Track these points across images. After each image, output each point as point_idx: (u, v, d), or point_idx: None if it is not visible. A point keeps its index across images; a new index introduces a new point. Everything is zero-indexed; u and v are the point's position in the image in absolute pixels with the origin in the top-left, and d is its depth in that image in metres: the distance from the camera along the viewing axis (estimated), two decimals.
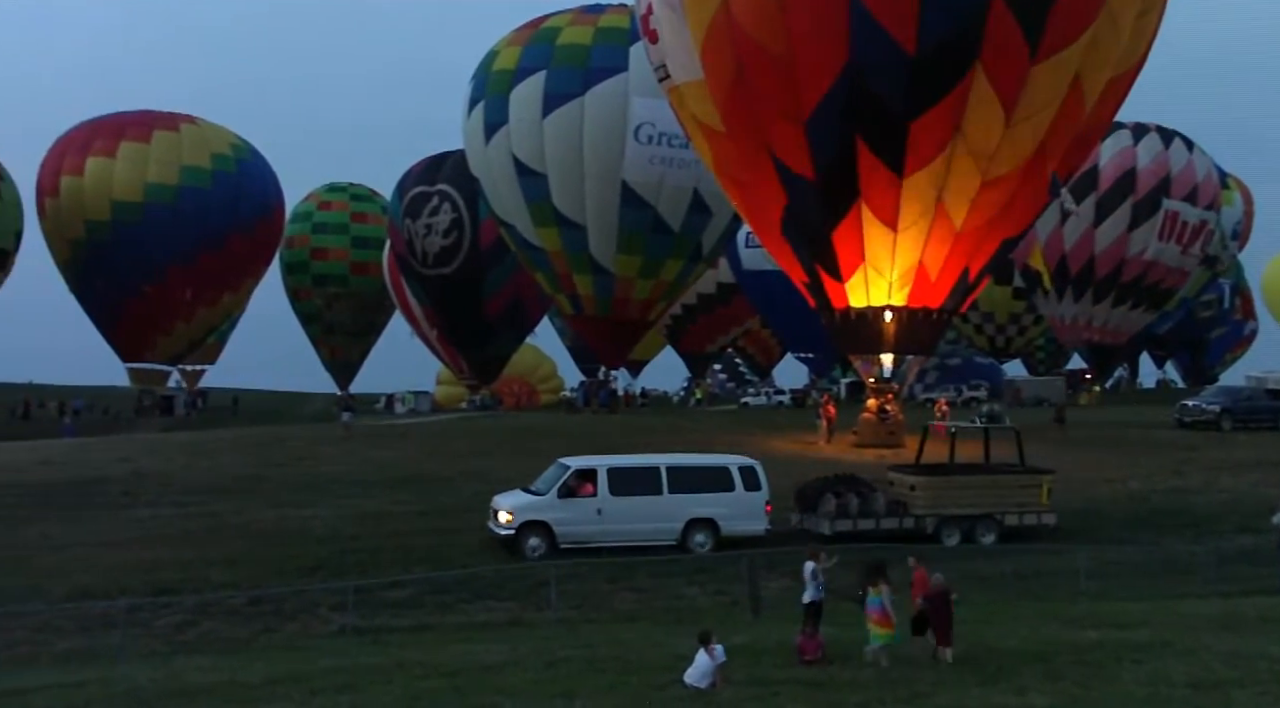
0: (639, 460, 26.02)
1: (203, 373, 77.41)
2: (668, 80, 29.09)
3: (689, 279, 52.15)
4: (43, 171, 61.74)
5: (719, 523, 24.11)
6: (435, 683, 14.17)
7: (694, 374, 79.62)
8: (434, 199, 59.06)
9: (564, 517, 23.59)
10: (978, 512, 24.94)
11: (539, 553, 23.22)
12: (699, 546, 23.95)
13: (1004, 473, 26.24)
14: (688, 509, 24.05)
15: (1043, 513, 25.36)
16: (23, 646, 17.83)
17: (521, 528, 23.46)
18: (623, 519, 23.70)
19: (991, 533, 24.87)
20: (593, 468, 24.26)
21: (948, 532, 24.70)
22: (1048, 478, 25.75)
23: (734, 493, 24.34)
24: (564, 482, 23.90)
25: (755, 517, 24.31)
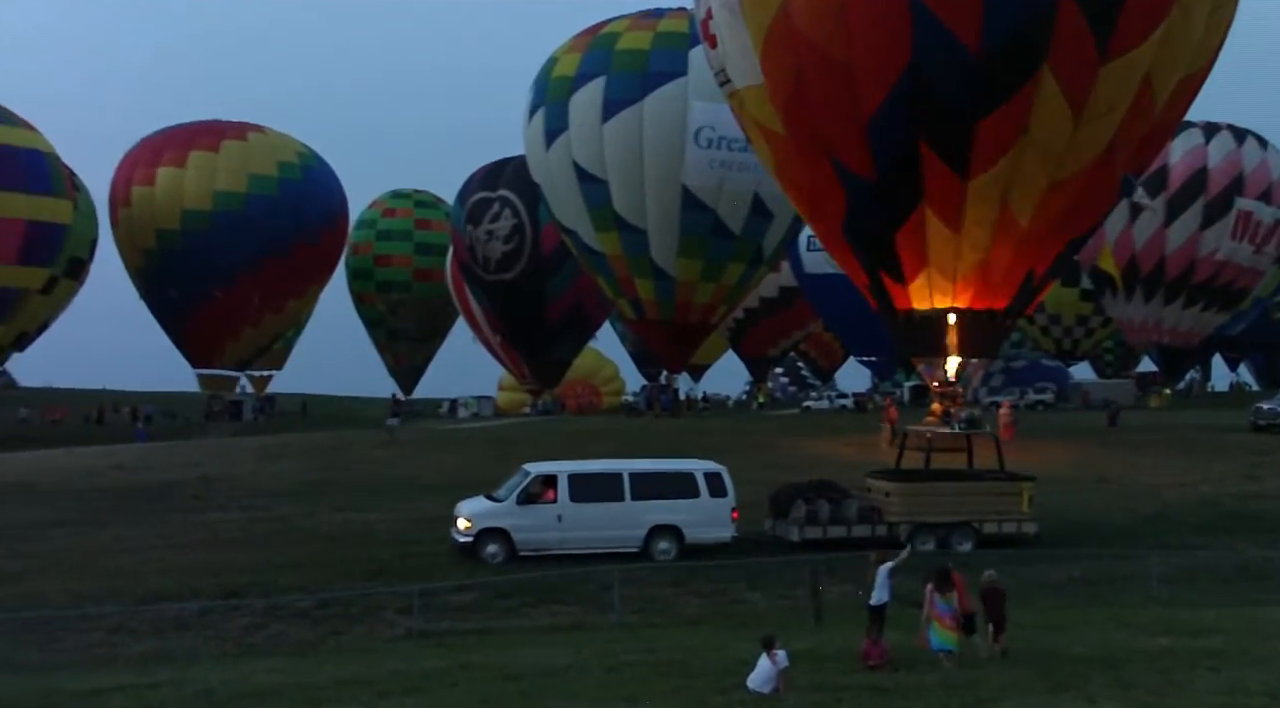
0: (601, 466, 25.55)
1: (270, 378, 78.60)
2: (728, 85, 28.96)
3: (750, 282, 52.03)
4: (115, 182, 63.07)
5: (683, 530, 23.72)
6: (500, 687, 14.26)
7: (755, 378, 79.41)
8: (495, 205, 59.48)
9: (523, 523, 23.32)
10: (954, 519, 24.34)
11: (497, 560, 23.04)
12: (662, 553, 23.59)
13: (982, 480, 25.60)
14: (650, 516, 23.67)
15: (1023, 521, 24.65)
16: (99, 647, 18.19)
17: (480, 535, 23.28)
18: (583, 526, 23.39)
19: (968, 541, 24.22)
20: (553, 474, 23.98)
21: (921, 539, 24.02)
22: (1028, 485, 25.07)
23: (699, 499, 23.87)
24: (523, 488, 23.68)
25: (721, 524, 23.87)
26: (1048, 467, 34.40)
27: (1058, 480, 32.26)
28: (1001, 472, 25.79)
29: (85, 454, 41.59)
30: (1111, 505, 29.02)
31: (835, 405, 66.16)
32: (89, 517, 27.66)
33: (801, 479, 26.16)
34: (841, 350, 76.27)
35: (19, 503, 29.42)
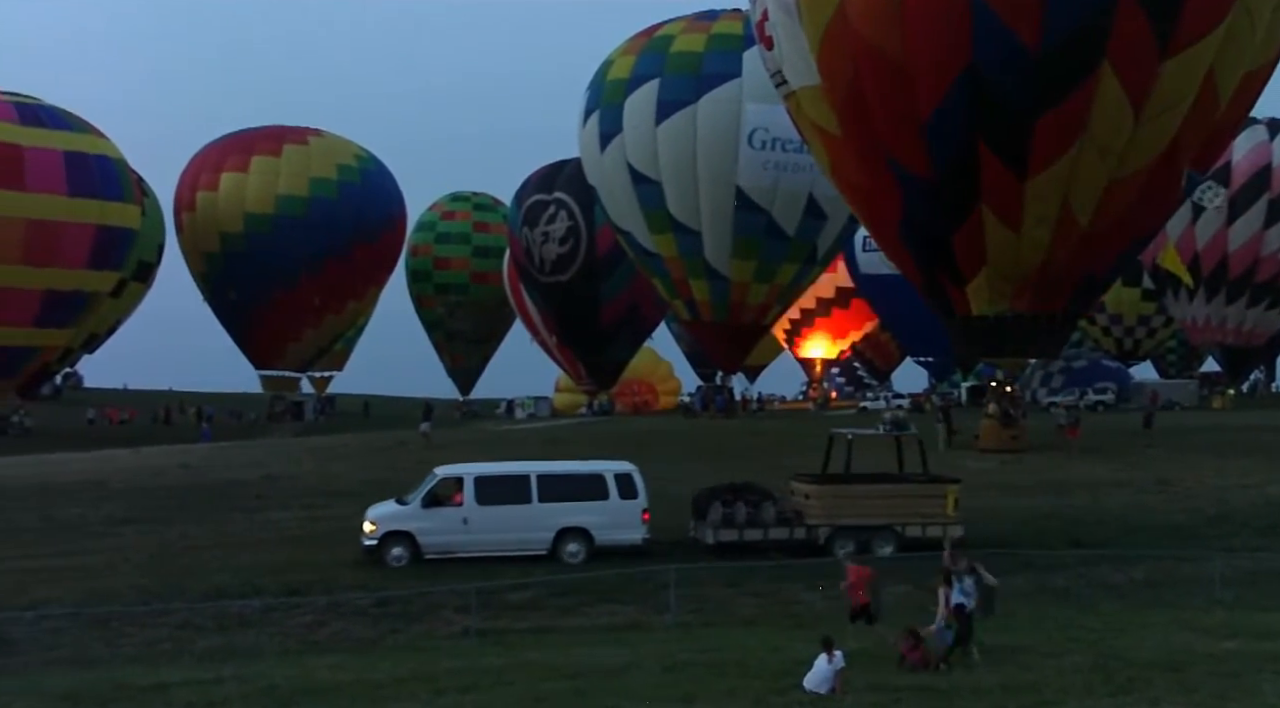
0: (509, 468, 25.28)
1: (330, 379, 79.58)
2: (784, 86, 28.96)
3: (804, 283, 51.87)
4: (180, 187, 64.25)
5: (592, 532, 23.35)
6: (556, 685, 14.33)
7: (811, 378, 79.07)
8: (551, 207, 59.76)
9: (428, 526, 23.07)
10: (874, 523, 23.85)
11: (402, 563, 22.79)
12: (571, 556, 23.22)
13: (905, 482, 25.11)
14: (559, 518, 23.32)
15: (949, 525, 23.92)
16: (166, 642, 18.52)
17: (385, 538, 23.06)
18: (490, 529, 23.09)
19: (889, 545, 23.62)
20: (460, 477, 23.76)
21: (840, 543, 23.60)
22: (953, 488, 24.51)
23: (608, 501, 23.45)
24: (429, 491, 23.54)
25: (631, 526, 23.44)
26: (1107, 468, 34.05)
27: (1119, 483, 31.87)
28: (926, 474, 25.31)
29: (152, 454, 42.36)
30: (1173, 507, 28.58)
31: (892, 406, 65.71)
32: (156, 515, 28.18)
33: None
34: (898, 351, 75.74)
35: (89, 501, 30.04)
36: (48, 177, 46.93)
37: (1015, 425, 38.15)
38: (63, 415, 69.66)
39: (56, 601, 20.11)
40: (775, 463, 36.66)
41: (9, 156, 46.17)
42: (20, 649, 17.60)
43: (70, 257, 47.61)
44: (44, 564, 23.16)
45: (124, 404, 76.15)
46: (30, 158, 46.68)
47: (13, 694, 14.67)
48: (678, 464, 36.04)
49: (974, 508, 28.72)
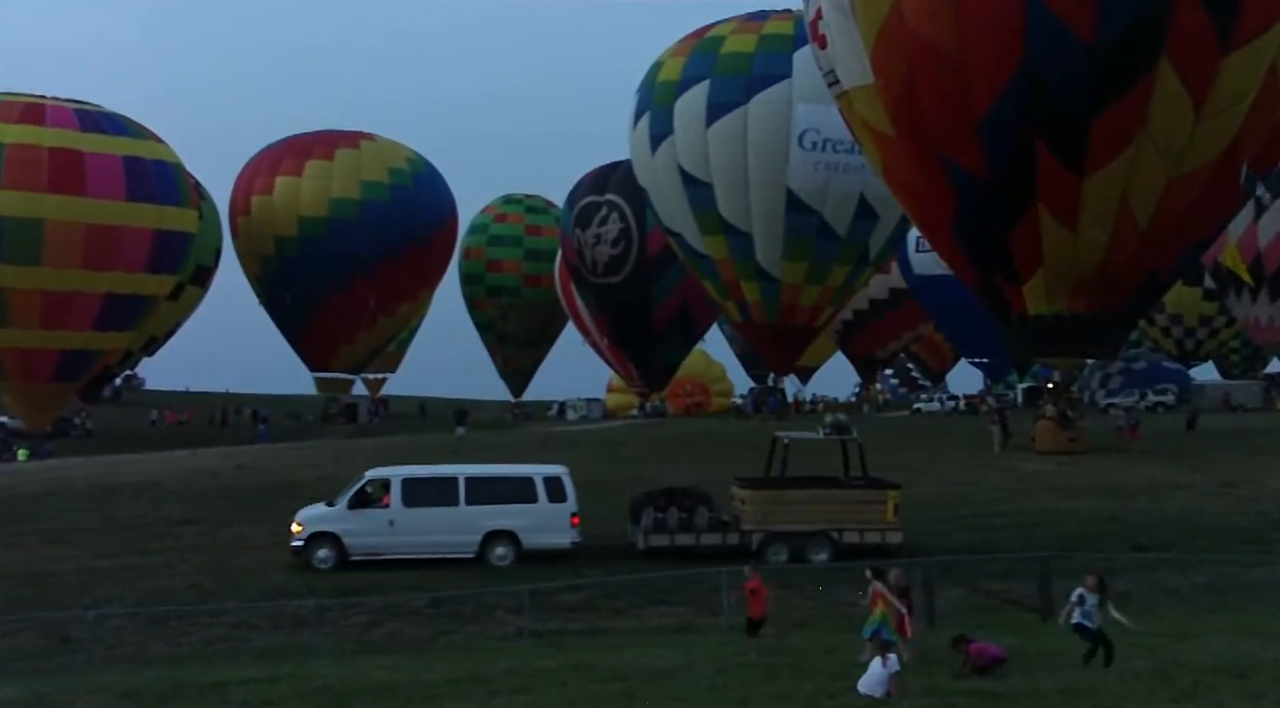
0: (437, 470, 25.11)
1: (384, 381, 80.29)
2: (837, 86, 28.72)
3: (856, 284, 51.54)
4: (235, 192, 65.12)
5: (520, 536, 23.29)
6: (609, 687, 14.31)
7: (864, 380, 78.60)
8: (603, 209, 59.83)
9: (353, 528, 23.10)
10: (809, 528, 23.47)
11: (328, 565, 22.86)
12: (499, 559, 23.19)
13: (843, 487, 24.65)
14: (486, 521, 23.28)
15: (887, 531, 23.60)
16: (222, 641, 18.78)
17: (310, 539, 23.17)
18: (416, 531, 23.08)
19: (824, 551, 23.35)
20: (387, 478, 23.78)
21: (774, 549, 23.37)
22: (893, 493, 24.06)
23: (537, 505, 23.40)
24: (355, 492, 23.54)
25: (560, 530, 23.34)
26: (1169, 471, 33.48)
27: (1180, 486, 31.35)
28: (865, 479, 24.83)
29: (209, 455, 42.90)
30: (1237, 510, 28.05)
31: (946, 407, 65.17)
32: (213, 515, 28.52)
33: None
34: (952, 352, 75.06)
35: (148, 502, 30.47)
36: (107, 182, 47.69)
37: (1073, 427, 37.66)
38: (123, 417, 70.81)
39: (117, 600, 20.46)
40: (827, 465, 36.50)
41: (70, 163, 46.96)
42: (83, 648, 17.90)
43: (129, 261, 48.33)
44: (104, 564, 23.53)
45: (182, 406, 77.24)
46: (90, 163, 47.44)
47: (76, 692, 14.89)
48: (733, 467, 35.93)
49: (1031, 511, 28.52)
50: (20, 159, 46.06)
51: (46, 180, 46.29)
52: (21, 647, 18.55)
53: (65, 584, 22.07)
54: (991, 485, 31.94)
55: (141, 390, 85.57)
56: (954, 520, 27.70)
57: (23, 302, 46.48)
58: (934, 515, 28.44)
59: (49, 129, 47.37)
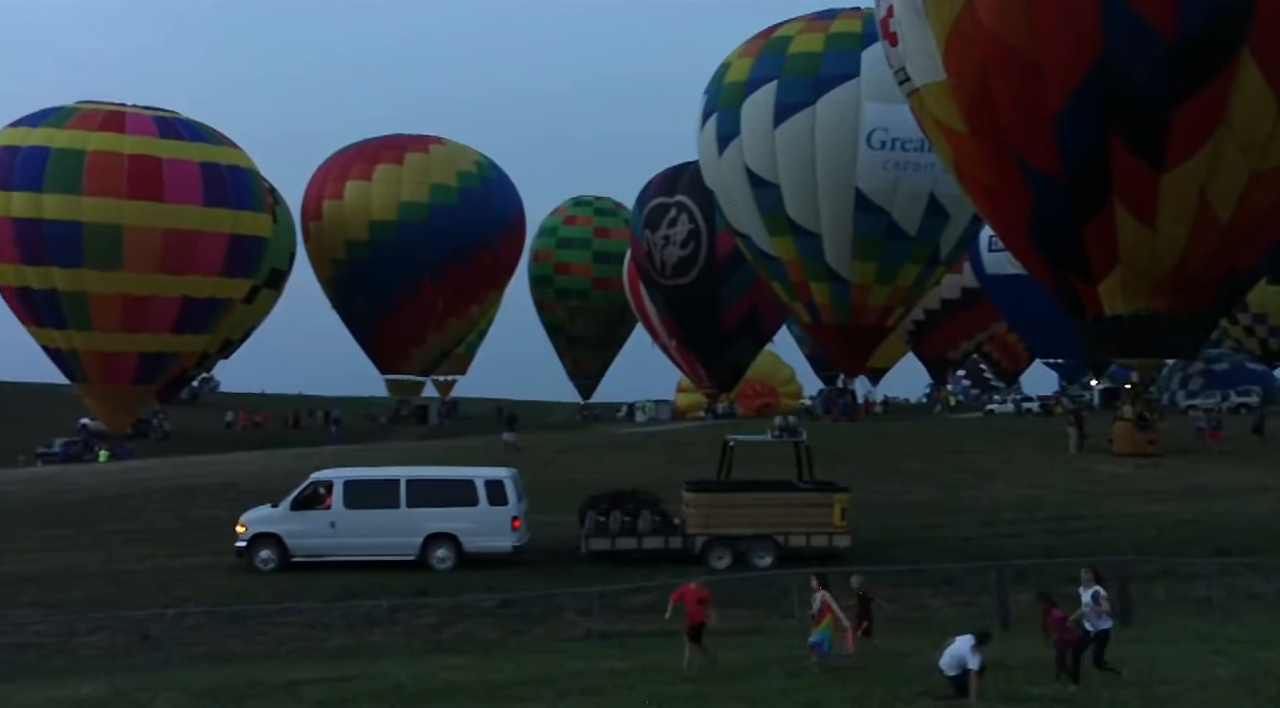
0: (380, 473, 25.31)
1: (454, 383, 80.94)
2: (908, 83, 28.43)
3: (927, 284, 51.00)
4: (306, 197, 66.12)
5: (461, 539, 23.33)
6: (679, 689, 14.26)
7: (936, 381, 77.69)
8: (672, 210, 59.79)
9: (296, 529, 23.33)
10: (753, 532, 23.12)
11: (271, 566, 23.14)
12: (440, 561, 23.26)
13: (788, 491, 24.22)
14: (427, 524, 23.34)
15: (835, 534, 23.23)
16: (296, 641, 19.04)
17: (253, 540, 23.43)
18: (358, 533, 23.22)
19: (769, 555, 23.07)
20: (330, 480, 23.91)
21: (717, 553, 23.08)
22: (841, 497, 23.62)
23: (478, 508, 23.40)
24: (299, 494, 23.72)
25: (501, 533, 23.33)
26: (1252, 473, 32.68)
27: (1264, 488, 30.62)
28: (813, 482, 24.44)
29: (283, 457, 43.52)
30: None
31: (1020, 409, 64.20)
32: None
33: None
34: (1026, 352, 73.91)
35: (225, 503, 30.94)
36: (185, 187, 48.62)
37: (1151, 429, 36.92)
38: (199, 419, 72.15)
39: (195, 599, 20.80)
40: (898, 467, 36.18)
41: (149, 169, 47.96)
42: (161, 646, 18.21)
43: (206, 265, 49.25)
44: (182, 563, 23.97)
45: (256, 408, 78.49)
46: (169, 170, 48.42)
47: (155, 689, 15.14)
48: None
49: (1108, 514, 28.01)
50: (101, 166, 47.11)
51: (126, 187, 47.30)
52: (103, 644, 18.96)
53: (145, 583, 22.52)
54: (1067, 488, 31.43)
55: (217, 392, 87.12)
56: (1028, 523, 27.31)
57: (104, 306, 47.54)
58: (1006, 518, 28.12)
59: (129, 136, 48.41)
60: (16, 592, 22.01)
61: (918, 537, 26.19)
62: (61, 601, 21.34)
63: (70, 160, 46.93)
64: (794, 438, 25.08)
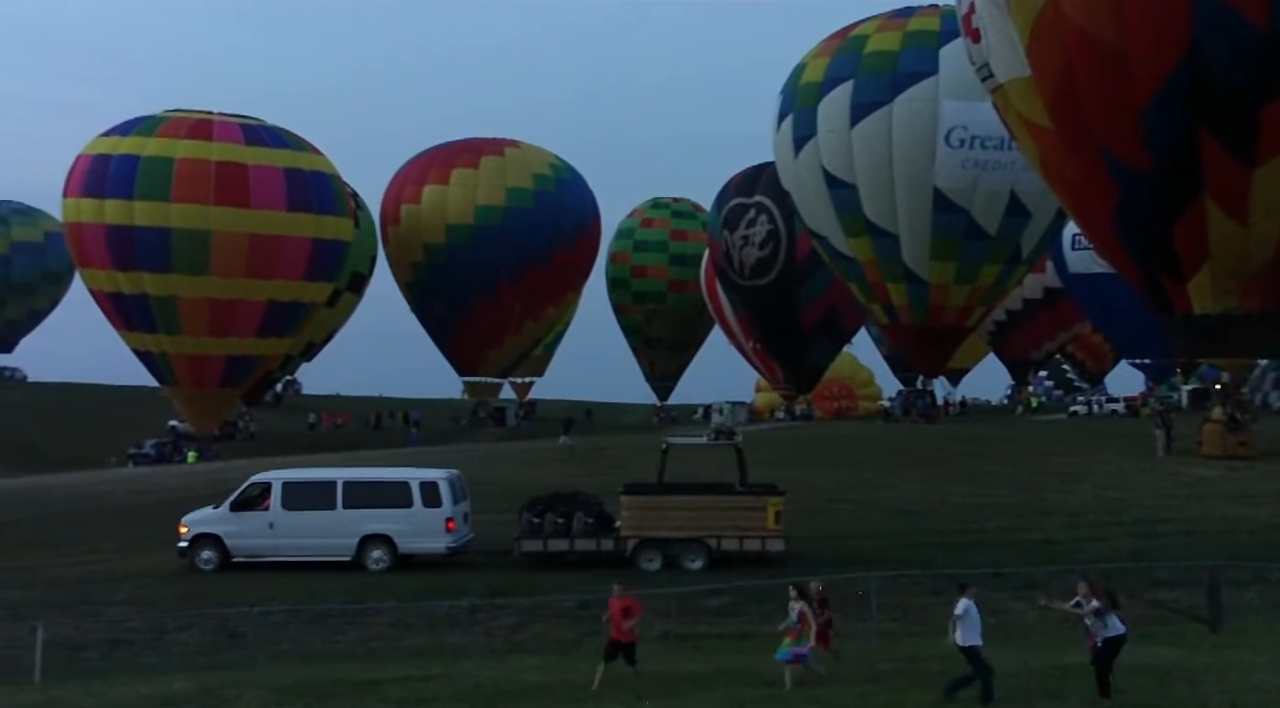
0: (317, 474, 25.85)
1: (531, 385, 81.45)
2: (991, 79, 27.92)
3: (1008, 283, 50.23)
4: (385, 201, 67.00)
5: (395, 540, 23.69)
6: (756, 692, 14.24)
7: (1017, 382, 76.50)
8: (751, 211, 59.59)
9: (235, 530, 23.86)
10: (684, 535, 22.99)
11: (211, 566, 23.65)
12: (375, 562, 23.65)
13: (721, 494, 24.00)
14: (362, 525, 23.72)
15: (768, 538, 23.00)
16: (377, 640, 19.29)
17: (194, 541, 23.95)
18: (295, 534, 23.70)
19: (699, 559, 23.08)
20: (268, 482, 24.29)
21: (647, 556, 23.01)
22: (775, 501, 23.23)
23: (412, 509, 23.72)
24: (238, 496, 24.07)
25: (435, 534, 23.64)
26: None
27: None
28: (747, 486, 24.12)
29: (364, 458, 44.13)
30: None
31: (1105, 410, 62.97)
32: None
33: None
34: (1112, 353, 72.48)
35: None
36: (269, 193, 49.51)
37: (1243, 431, 36.02)
38: (283, 421, 73.49)
39: (280, 598, 21.17)
40: (978, 469, 35.74)
41: (235, 176, 48.92)
42: (248, 643, 18.54)
43: (289, 269, 50.07)
44: (267, 562, 24.39)
45: (339, 410, 79.72)
46: (254, 176, 49.34)
47: (242, 686, 15.44)
48: (888, 472, 35.52)
49: (1197, 517, 27.40)
50: (189, 173, 48.13)
51: (213, 193, 48.27)
52: (191, 641, 19.36)
53: (233, 582, 22.99)
54: (1155, 491, 30.81)
55: (300, 395, 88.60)
56: (1115, 526, 26.83)
57: (192, 310, 48.57)
58: (1091, 521, 27.66)
59: (215, 144, 49.41)
60: (111, 589, 22.60)
61: (999, 540, 25.86)
62: (153, 598, 21.86)
63: (159, 168, 48.01)
64: (730, 442, 25.17)
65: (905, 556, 23.76)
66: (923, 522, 28.16)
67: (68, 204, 49.57)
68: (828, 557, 23.94)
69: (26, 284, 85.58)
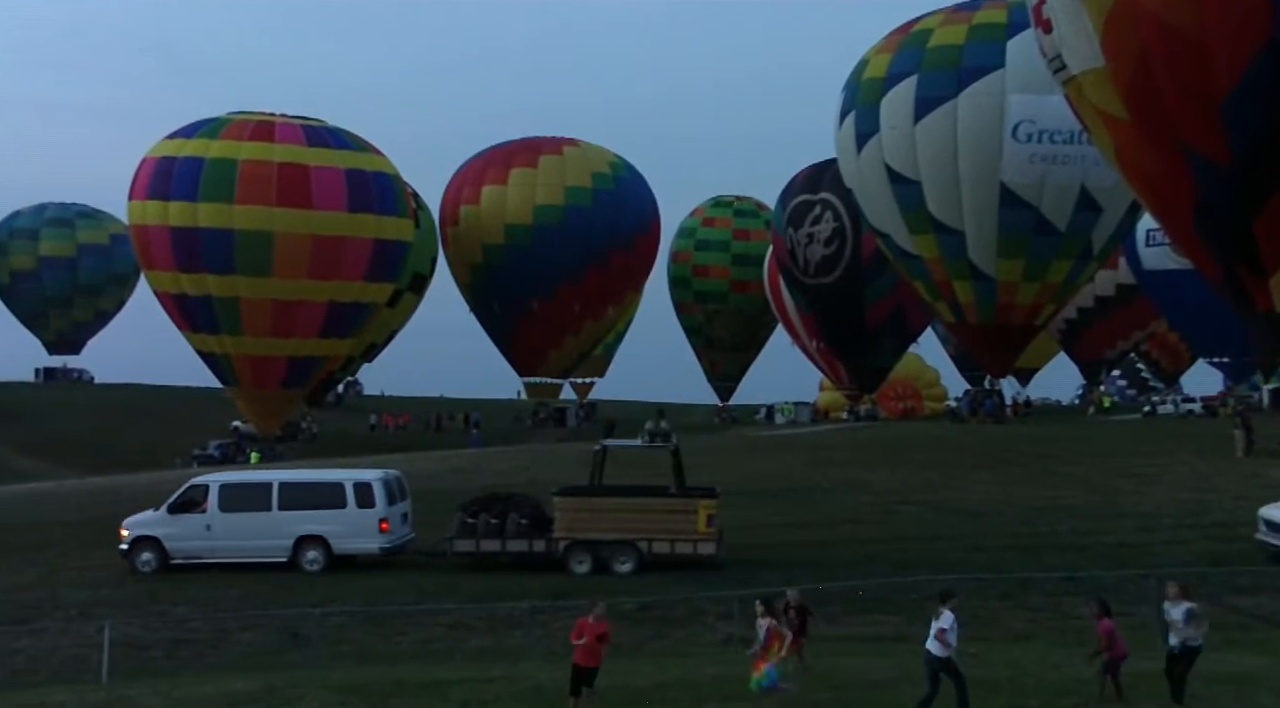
0: (253, 476, 26.46)
1: (592, 385, 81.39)
2: (1064, 71, 27.32)
3: (1079, 280, 49.38)
4: (444, 202, 67.26)
5: (330, 540, 23.92)
6: (821, 696, 14.00)
7: (1089, 381, 75.09)
8: (816, 208, 59.08)
9: (173, 532, 24.11)
10: (613, 537, 22.88)
11: (150, 568, 23.85)
12: (311, 563, 23.84)
13: (652, 496, 23.92)
14: (297, 526, 23.99)
15: (699, 541, 22.76)
16: (439, 641, 19.24)
17: (134, 543, 24.16)
18: (232, 535, 23.96)
19: (629, 561, 23.02)
20: (206, 484, 24.70)
21: (577, 558, 22.96)
22: (707, 504, 23.00)
23: (346, 510, 23.97)
24: (176, 498, 24.45)
25: (368, 535, 23.91)
26: None
27: None
28: (680, 488, 23.97)
29: (425, 459, 44.34)
30: None
31: (1181, 410, 61.56)
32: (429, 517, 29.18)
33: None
34: (1188, 351, 70.93)
35: None
36: (331, 194, 49.80)
37: None
38: (345, 421, 74.15)
39: (340, 599, 21.22)
40: (1048, 470, 35.04)
41: (298, 177, 49.26)
42: (310, 644, 18.58)
43: (351, 270, 50.32)
44: (459, 564, 24.31)
45: (399, 411, 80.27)
46: (316, 177, 49.66)
47: (305, 686, 15.46)
48: (955, 473, 34.99)
49: None
50: (252, 175, 48.55)
51: (275, 194, 48.64)
52: (255, 642, 19.44)
53: (295, 582, 23.10)
54: (1235, 493, 29.99)
55: (361, 396, 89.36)
56: (1193, 530, 26.15)
57: (255, 311, 48.99)
58: (1167, 524, 27.03)
59: (278, 145, 49.80)
60: (176, 590, 22.80)
61: (1070, 543, 25.33)
62: (216, 599, 22.02)
63: (223, 170, 48.48)
64: (664, 444, 25.01)
65: (972, 558, 23.36)
66: (990, 524, 27.70)
67: (133, 206, 50.24)
68: (894, 559, 23.56)
69: (93, 286, 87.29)
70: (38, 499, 39.14)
